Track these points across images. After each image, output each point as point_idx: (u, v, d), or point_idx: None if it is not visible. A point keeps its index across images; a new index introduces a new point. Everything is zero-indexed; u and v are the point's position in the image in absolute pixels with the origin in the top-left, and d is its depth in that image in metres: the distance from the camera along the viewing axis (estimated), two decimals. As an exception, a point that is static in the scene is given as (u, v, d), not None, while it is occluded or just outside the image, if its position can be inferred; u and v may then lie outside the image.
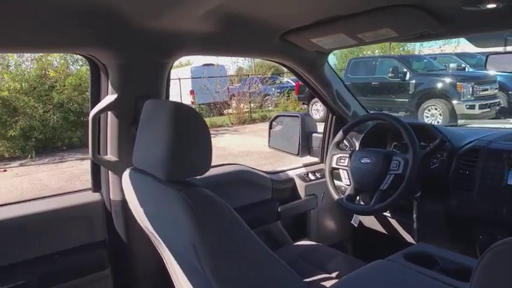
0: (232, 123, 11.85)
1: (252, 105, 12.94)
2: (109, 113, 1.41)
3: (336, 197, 1.76)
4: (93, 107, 1.41)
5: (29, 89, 8.33)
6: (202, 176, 1.02)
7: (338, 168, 1.79)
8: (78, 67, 8.97)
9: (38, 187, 5.97)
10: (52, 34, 1.17)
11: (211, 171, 1.72)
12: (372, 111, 2.25)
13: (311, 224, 2.08)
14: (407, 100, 9.10)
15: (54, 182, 6.19)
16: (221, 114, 12.60)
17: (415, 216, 1.69)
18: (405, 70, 9.23)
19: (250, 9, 1.32)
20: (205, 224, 0.91)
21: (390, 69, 9.37)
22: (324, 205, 2.10)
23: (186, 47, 1.44)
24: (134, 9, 1.17)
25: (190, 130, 0.97)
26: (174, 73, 12.47)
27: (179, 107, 0.97)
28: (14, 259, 1.34)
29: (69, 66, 8.91)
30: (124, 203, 1.40)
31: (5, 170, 7.13)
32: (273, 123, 2.25)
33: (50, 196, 1.55)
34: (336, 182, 1.82)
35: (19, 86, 8.14)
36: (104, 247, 1.50)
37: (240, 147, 8.28)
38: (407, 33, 1.47)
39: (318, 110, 10.49)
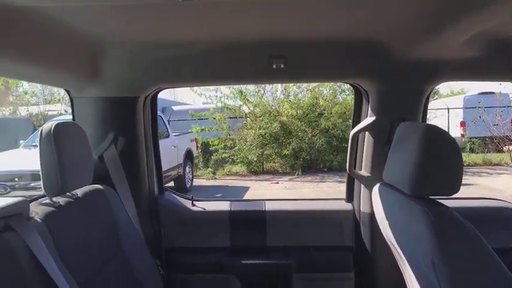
0: (514, 163, 9.89)
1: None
2: (366, 133, 1.60)
3: None
4: (353, 127, 1.65)
5: (302, 115, 9.83)
6: (455, 205, 1.03)
7: None
8: (345, 96, 9.87)
9: (299, 201, 6.94)
10: (331, 67, 1.49)
11: (465, 202, 1.62)
12: None
13: None
14: None
15: (312, 199, 7.03)
16: (499, 150, 10.75)
17: None
18: None
19: None
20: (447, 243, 0.92)
21: None
22: None
23: (445, 73, 1.45)
24: (397, 42, 1.31)
25: (440, 151, 1.01)
26: (442, 102, 11.65)
27: (431, 128, 1.03)
28: (284, 242, 1.72)
29: (336, 95, 9.92)
30: (372, 215, 1.55)
31: (277, 182, 8.75)
32: None
33: (312, 199, 1.89)
34: None
35: (295, 113, 9.74)
36: (350, 252, 1.69)
37: (523, 192, 6.79)
38: None
39: None
